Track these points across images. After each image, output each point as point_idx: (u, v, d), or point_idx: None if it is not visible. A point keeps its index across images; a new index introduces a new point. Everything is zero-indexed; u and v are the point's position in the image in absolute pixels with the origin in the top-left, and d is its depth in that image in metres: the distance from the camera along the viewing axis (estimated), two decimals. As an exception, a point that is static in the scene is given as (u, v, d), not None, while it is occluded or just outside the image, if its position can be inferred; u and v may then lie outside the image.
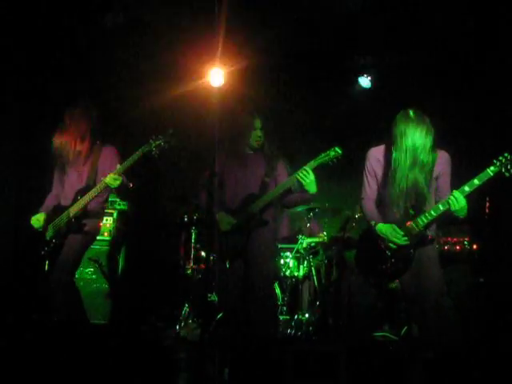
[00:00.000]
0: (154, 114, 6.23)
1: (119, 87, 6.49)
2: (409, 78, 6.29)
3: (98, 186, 4.74)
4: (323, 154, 4.69)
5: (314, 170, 4.68)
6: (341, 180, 6.65)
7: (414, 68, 6.29)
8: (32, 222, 4.89)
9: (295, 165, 4.88)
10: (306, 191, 4.72)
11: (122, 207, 6.19)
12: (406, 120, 4.13)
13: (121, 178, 4.70)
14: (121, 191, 4.92)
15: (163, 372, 3.61)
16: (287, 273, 6.07)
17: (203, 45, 5.22)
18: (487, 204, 5.78)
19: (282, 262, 6.12)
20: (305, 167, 4.68)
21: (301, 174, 4.66)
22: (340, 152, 4.66)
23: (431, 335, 4.18)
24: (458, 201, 4.02)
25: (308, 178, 4.64)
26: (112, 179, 4.66)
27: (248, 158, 4.93)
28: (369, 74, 6.81)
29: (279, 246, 6.11)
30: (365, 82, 6.86)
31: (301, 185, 4.70)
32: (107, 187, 4.74)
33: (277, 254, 5.96)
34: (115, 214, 6.14)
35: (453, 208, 4.04)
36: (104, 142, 4.97)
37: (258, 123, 4.86)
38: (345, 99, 6.92)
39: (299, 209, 6.03)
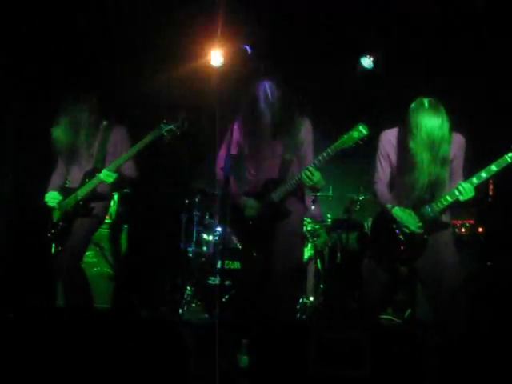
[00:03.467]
0: (159, 96, 6.13)
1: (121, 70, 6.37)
2: (421, 61, 6.22)
3: (92, 181, 4.61)
4: (346, 137, 4.02)
5: (323, 165, 4.12)
6: (345, 162, 6.58)
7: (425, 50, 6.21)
8: (47, 199, 4.75)
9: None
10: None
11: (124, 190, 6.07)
12: (422, 111, 4.03)
13: (115, 175, 4.55)
14: (116, 187, 4.80)
15: (167, 356, 3.56)
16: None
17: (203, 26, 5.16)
18: (491, 187, 5.77)
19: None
20: (308, 166, 4.13)
21: (305, 177, 4.13)
22: (365, 132, 3.97)
23: (446, 321, 4.17)
24: (465, 190, 4.03)
25: (312, 180, 4.13)
26: (106, 176, 4.54)
27: (265, 133, 4.37)
28: (371, 55, 6.68)
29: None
30: (367, 62, 6.68)
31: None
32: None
33: (303, 241, 5.68)
34: (116, 197, 6.03)
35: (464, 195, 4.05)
36: (111, 122, 4.81)
37: None
38: (348, 81, 6.80)
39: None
